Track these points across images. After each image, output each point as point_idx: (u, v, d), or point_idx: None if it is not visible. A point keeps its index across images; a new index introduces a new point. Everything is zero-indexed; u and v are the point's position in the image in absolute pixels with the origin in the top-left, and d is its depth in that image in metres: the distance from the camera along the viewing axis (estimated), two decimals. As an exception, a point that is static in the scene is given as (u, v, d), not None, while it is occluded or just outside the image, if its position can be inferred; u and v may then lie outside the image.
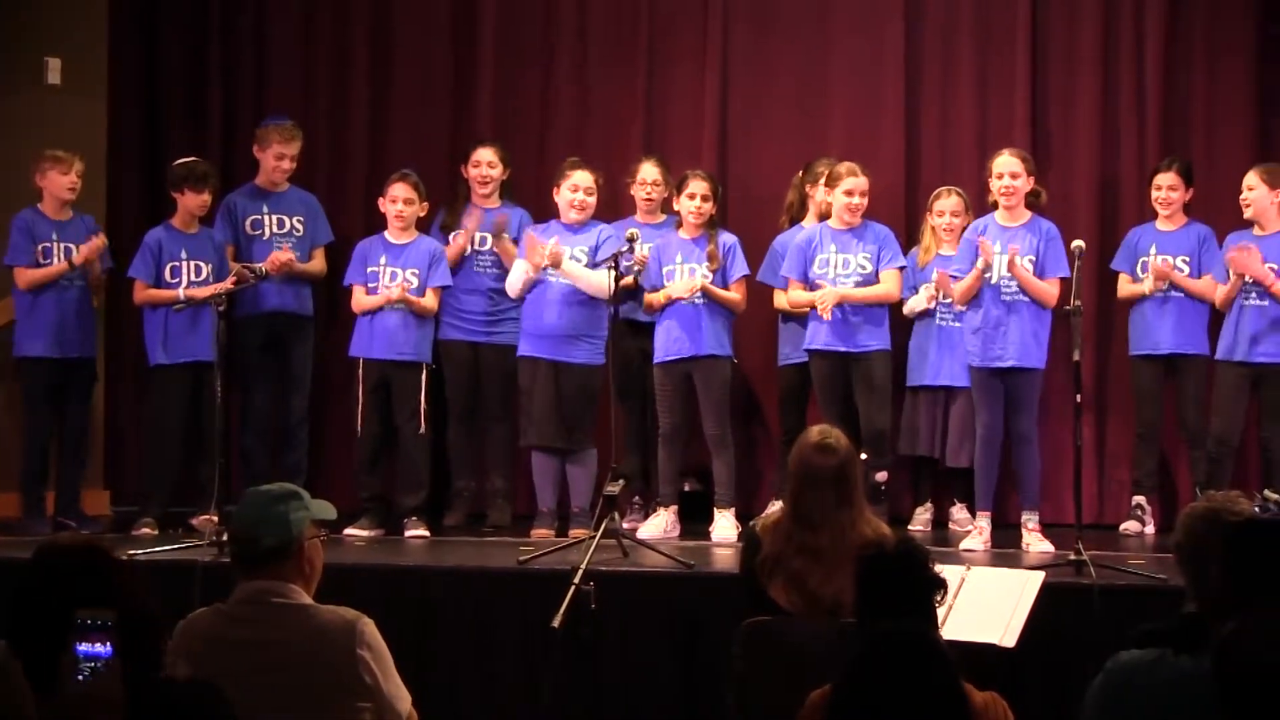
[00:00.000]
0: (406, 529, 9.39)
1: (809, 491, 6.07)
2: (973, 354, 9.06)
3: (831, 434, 6.22)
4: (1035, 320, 8.94)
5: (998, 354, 8.94)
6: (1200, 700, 3.73)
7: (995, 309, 8.98)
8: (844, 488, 6.06)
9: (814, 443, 6.15)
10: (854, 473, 6.14)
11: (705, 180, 9.45)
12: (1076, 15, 10.42)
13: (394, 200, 9.61)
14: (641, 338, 9.64)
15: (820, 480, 6.05)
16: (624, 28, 10.83)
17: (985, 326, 8.98)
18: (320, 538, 4.79)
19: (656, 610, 7.79)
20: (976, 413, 9.13)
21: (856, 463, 6.22)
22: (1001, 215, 9.13)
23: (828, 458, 6.08)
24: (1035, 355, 8.94)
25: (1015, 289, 8.94)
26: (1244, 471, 9.64)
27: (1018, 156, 9.13)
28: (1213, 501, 4.46)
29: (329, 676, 4.54)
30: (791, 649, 5.60)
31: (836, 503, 6.03)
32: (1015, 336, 8.93)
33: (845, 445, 6.16)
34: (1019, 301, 8.94)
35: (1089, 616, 7.26)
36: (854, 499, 6.08)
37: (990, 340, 8.96)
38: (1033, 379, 8.99)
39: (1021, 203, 9.08)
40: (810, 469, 6.09)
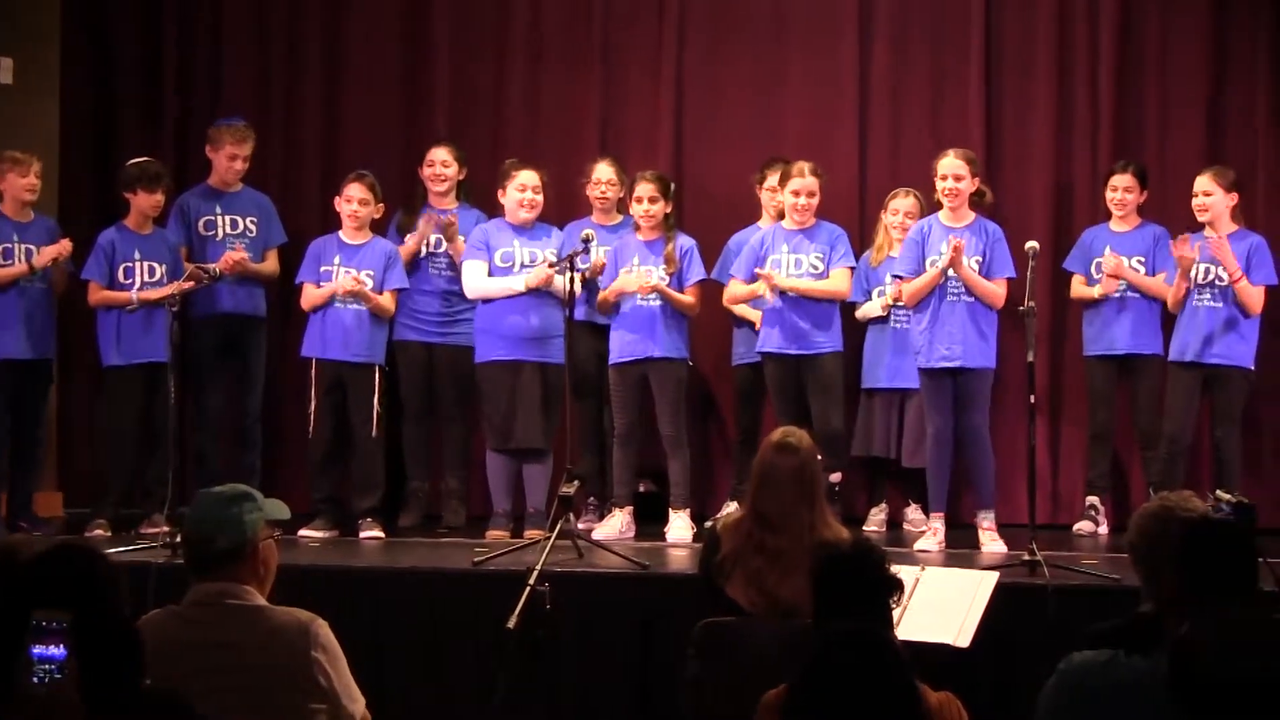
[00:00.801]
0: (361, 530, 9.37)
1: (769, 491, 6.08)
2: (920, 355, 9.08)
3: (794, 434, 6.24)
4: (982, 320, 8.94)
5: (944, 354, 8.95)
6: (1153, 701, 3.74)
7: (942, 309, 8.99)
8: (804, 488, 6.07)
9: (776, 443, 6.18)
10: (815, 473, 6.16)
11: (652, 182, 9.43)
12: (1030, 19, 10.46)
13: (349, 200, 9.58)
14: (598, 339, 9.63)
15: (780, 480, 6.07)
16: (579, 28, 10.82)
17: (932, 326, 9.00)
18: (274, 539, 4.77)
19: (611, 611, 7.78)
20: (927, 414, 9.13)
21: (817, 463, 6.23)
22: (946, 216, 9.13)
23: (788, 458, 6.10)
24: (983, 355, 8.96)
25: (961, 289, 8.97)
26: (1197, 472, 9.68)
27: (962, 157, 9.14)
28: (1166, 501, 4.48)
29: (283, 678, 4.52)
30: (746, 649, 5.60)
31: (796, 503, 6.04)
32: (962, 336, 8.94)
33: (807, 446, 6.18)
34: (965, 302, 8.96)
35: (1043, 617, 7.28)
36: (814, 499, 6.09)
37: (937, 340, 8.97)
38: (981, 378, 9.01)
39: (965, 204, 9.09)
40: (770, 469, 6.11)
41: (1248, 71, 10.27)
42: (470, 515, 9.91)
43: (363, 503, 9.47)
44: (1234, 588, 3.93)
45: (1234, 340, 9.28)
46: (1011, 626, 7.08)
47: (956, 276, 8.93)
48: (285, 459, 10.38)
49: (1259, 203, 10.01)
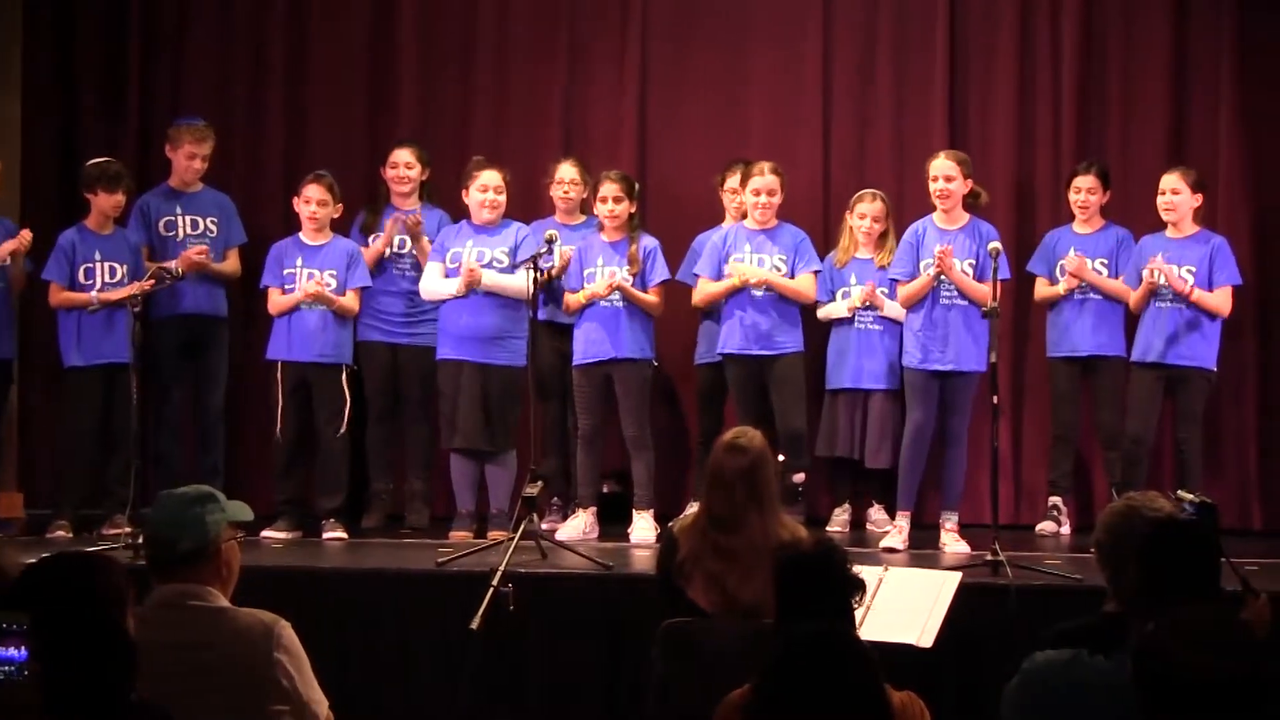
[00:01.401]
0: (324, 531, 9.35)
1: (719, 491, 6.08)
2: (911, 355, 9.09)
3: (745, 435, 6.24)
4: (976, 324, 8.94)
5: (938, 357, 8.98)
6: (1116, 700, 3.75)
7: (935, 313, 9.02)
8: (754, 488, 6.06)
9: (726, 443, 6.19)
10: (765, 474, 6.13)
11: (616, 182, 9.43)
12: (994, 21, 10.48)
13: (308, 201, 9.56)
14: (561, 339, 9.62)
15: (730, 480, 6.06)
16: (543, 29, 10.81)
17: (926, 329, 9.01)
18: (237, 540, 4.76)
19: (575, 611, 7.79)
20: (908, 410, 9.15)
21: (769, 464, 6.20)
22: (939, 218, 9.17)
23: (737, 458, 6.10)
24: (974, 358, 8.97)
25: (955, 293, 8.98)
26: (1159, 472, 9.72)
27: (953, 159, 9.18)
28: (1133, 501, 4.49)
29: (246, 679, 4.51)
30: (710, 650, 5.60)
31: (746, 503, 6.03)
32: (955, 340, 8.96)
33: (758, 446, 6.16)
34: (959, 305, 8.98)
35: (1005, 616, 7.30)
36: (764, 499, 6.08)
37: (930, 343, 8.99)
38: (970, 381, 9.04)
39: (959, 205, 9.12)
40: (721, 469, 6.11)
41: (1210, 73, 10.30)
42: (434, 516, 9.89)
43: (326, 504, 9.45)
44: (1196, 587, 3.94)
45: (1196, 341, 9.32)
46: (974, 626, 7.09)
47: (949, 280, 8.95)
48: (247, 459, 10.34)
49: (1220, 205, 10.04)
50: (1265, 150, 10.24)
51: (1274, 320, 10.18)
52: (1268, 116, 10.24)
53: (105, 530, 9.27)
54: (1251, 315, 10.07)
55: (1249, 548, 8.95)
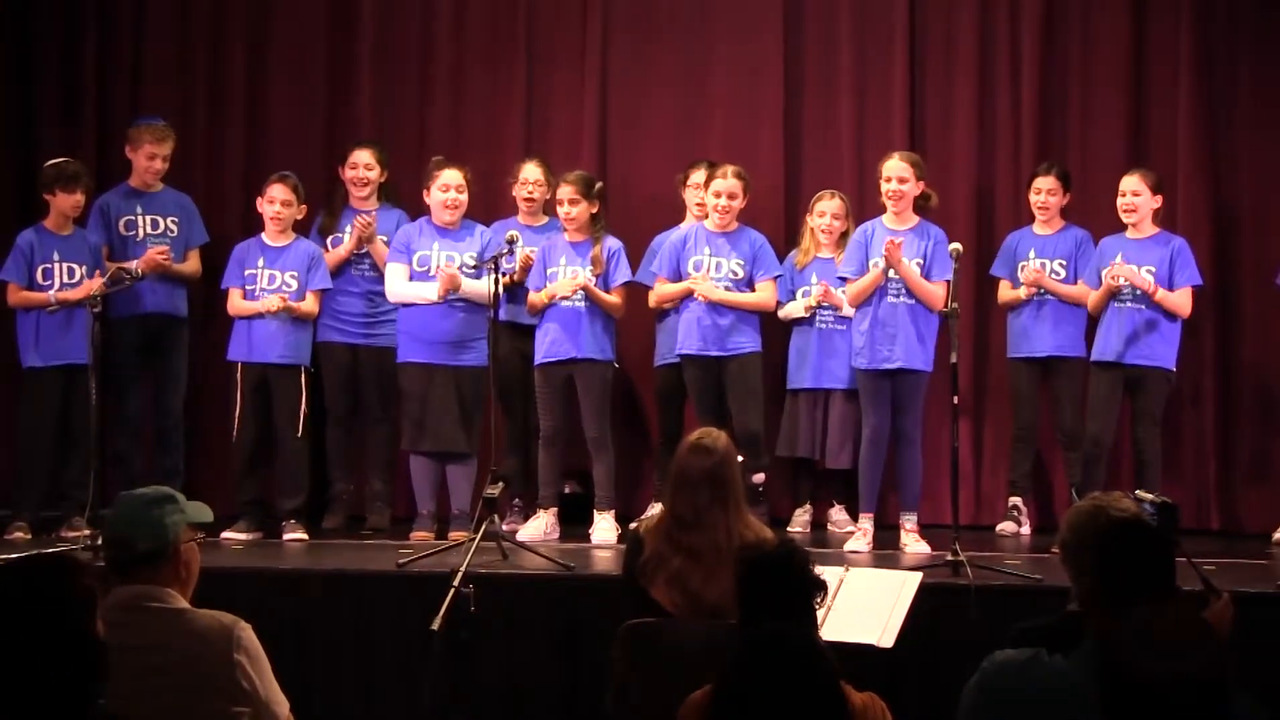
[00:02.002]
0: (285, 532, 9.34)
1: (684, 492, 6.07)
2: (860, 356, 9.10)
3: (710, 435, 6.23)
4: (922, 323, 8.98)
5: (885, 356, 8.99)
6: (1074, 699, 3.75)
7: (883, 311, 9.02)
8: (719, 488, 6.05)
9: (691, 443, 6.18)
10: (730, 474, 6.13)
11: (572, 184, 9.42)
12: (954, 22, 10.52)
13: (272, 201, 9.54)
14: (522, 340, 9.62)
15: (694, 480, 6.06)
16: (503, 28, 10.81)
17: (873, 329, 9.02)
18: (196, 541, 4.75)
19: (536, 612, 7.79)
20: (864, 414, 9.17)
21: (734, 464, 6.20)
22: (889, 218, 9.18)
23: (702, 458, 6.09)
24: (922, 358, 9.00)
25: (902, 291, 8.99)
26: (1118, 473, 9.74)
27: (907, 160, 9.19)
28: (1098, 501, 4.49)
29: (206, 681, 4.50)
30: (672, 650, 5.59)
31: (711, 503, 6.03)
32: (903, 339, 8.97)
33: (723, 446, 6.16)
34: (906, 304, 8.99)
35: (965, 616, 7.32)
36: (730, 500, 6.07)
37: (878, 342, 9.00)
38: (919, 381, 9.05)
39: (910, 206, 9.13)
40: (685, 469, 6.10)
41: (1169, 75, 10.34)
42: (395, 517, 9.88)
43: (286, 504, 9.44)
44: (1151, 588, 3.95)
45: (1156, 341, 9.35)
46: (935, 627, 7.10)
47: (898, 278, 8.96)
48: (207, 460, 10.31)
49: (1179, 207, 10.08)
50: (1223, 153, 10.29)
51: (1232, 321, 10.23)
52: (1225, 120, 10.30)
53: (64, 532, 9.24)
54: (1210, 316, 10.12)
55: (1206, 548, 9.00)
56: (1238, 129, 10.30)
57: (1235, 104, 10.30)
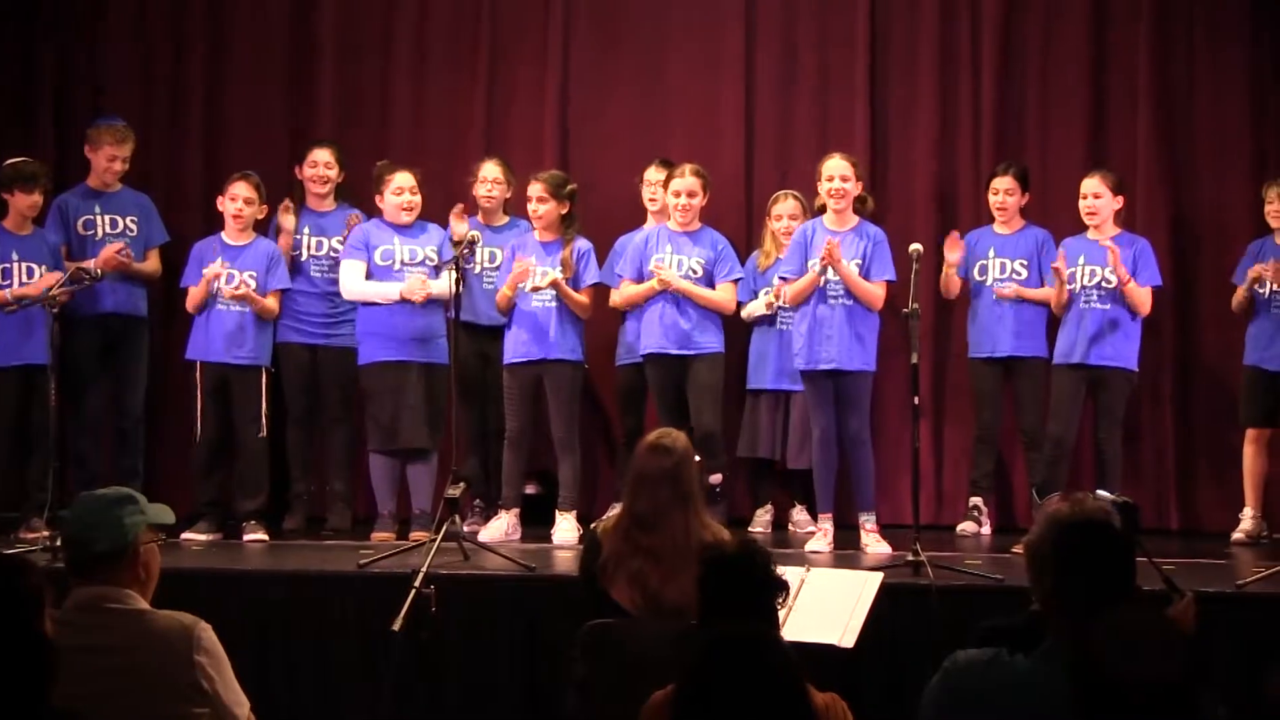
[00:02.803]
0: (245, 533, 9.32)
1: (644, 492, 6.08)
2: (799, 356, 9.11)
3: (669, 435, 6.25)
4: (860, 323, 8.97)
5: (821, 356, 8.99)
6: (1035, 699, 3.76)
7: (821, 311, 9.02)
8: (678, 488, 6.07)
9: (650, 444, 6.19)
10: (689, 474, 6.15)
11: (541, 182, 9.42)
12: (914, 23, 10.55)
13: (234, 199, 9.52)
14: (480, 340, 9.61)
15: (654, 480, 6.07)
16: (464, 26, 10.81)
17: (810, 329, 9.03)
18: (157, 542, 4.72)
19: (497, 613, 7.78)
20: (811, 415, 9.17)
21: (692, 464, 6.22)
22: (830, 219, 9.17)
23: (662, 458, 6.10)
24: (860, 358, 8.98)
25: (841, 292, 8.99)
26: (1079, 473, 9.77)
27: (847, 160, 9.19)
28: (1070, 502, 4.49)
29: (166, 682, 4.48)
30: (632, 651, 5.59)
31: (670, 503, 6.04)
32: (838, 339, 8.97)
33: (682, 446, 6.17)
34: (843, 305, 8.99)
35: (926, 616, 7.32)
36: (688, 500, 6.08)
37: (815, 343, 9.00)
38: (860, 381, 9.04)
39: (850, 206, 9.12)
40: (645, 469, 6.11)
41: (1128, 76, 10.39)
42: (355, 518, 9.86)
43: (247, 505, 9.41)
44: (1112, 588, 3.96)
45: (1119, 341, 9.38)
46: (896, 627, 7.13)
47: (838, 279, 8.96)
48: (168, 461, 10.27)
49: (1139, 208, 10.11)
50: (1182, 155, 10.34)
51: (1192, 322, 10.28)
52: (1184, 121, 10.34)
53: (23, 533, 9.19)
54: (1170, 317, 10.17)
55: (1166, 547, 9.04)
56: (1197, 130, 10.35)
57: (1194, 104, 10.35)
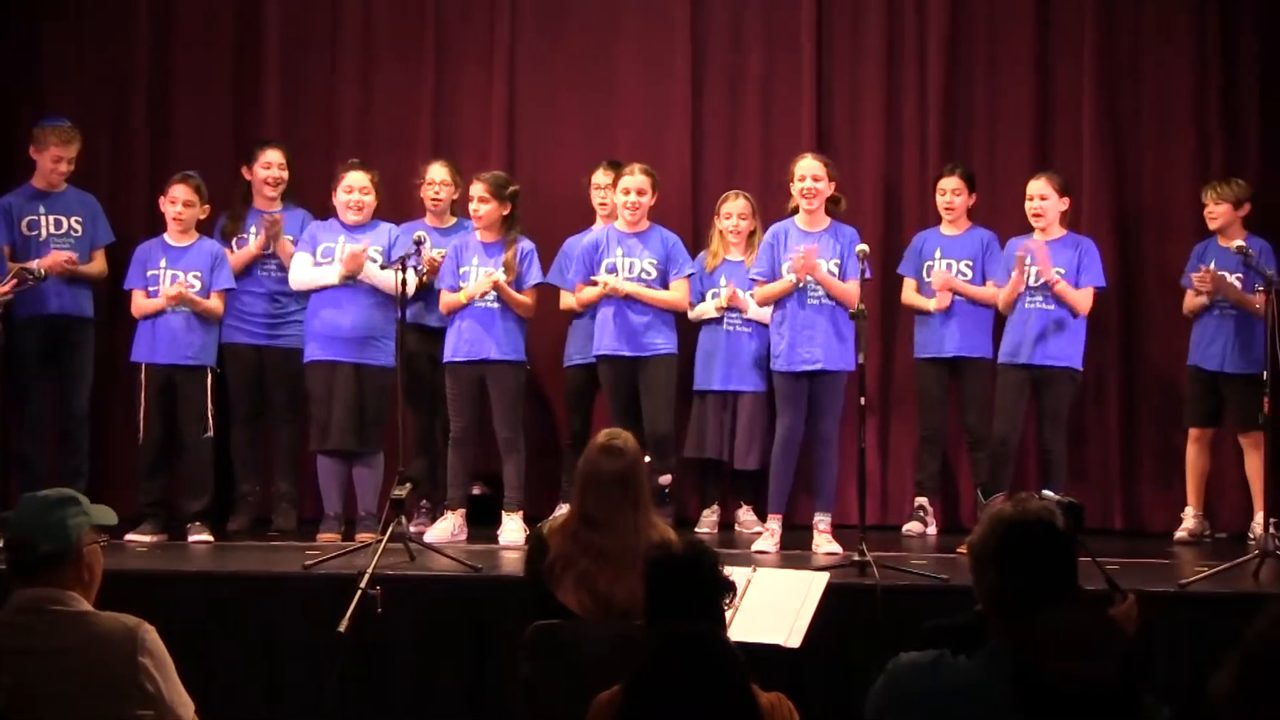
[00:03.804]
0: (190, 534, 9.27)
1: (595, 492, 6.06)
2: (778, 357, 9.10)
3: (619, 436, 6.23)
4: (842, 323, 8.95)
5: (804, 357, 8.98)
6: (978, 700, 3.77)
7: (802, 312, 9.01)
8: (630, 489, 6.06)
9: (601, 445, 6.16)
10: (640, 475, 6.14)
11: (483, 183, 9.40)
12: (861, 23, 10.59)
13: (174, 201, 9.47)
14: (428, 342, 9.60)
15: (606, 482, 6.05)
16: (410, 26, 10.79)
17: (792, 330, 9.03)
18: (100, 544, 4.70)
19: (444, 614, 7.76)
20: (779, 414, 9.16)
21: (643, 465, 6.22)
22: (802, 219, 9.17)
23: (614, 460, 6.09)
24: (841, 358, 8.99)
25: (821, 293, 9.00)
26: (1024, 473, 9.81)
27: (820, 160, 9.19)
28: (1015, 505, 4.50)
29: (110, 684, 4.46)
30: (579, 652, 5.59)
31: (622, 504, 6.03)
32: (822, 340, 8.97)
33: (633, 447, 6.17)
34: (825, 305, 9.00)
35: (872, 617, 7.33)
36: (640, 501, 6.08)
37: (797, 345, 8.99)
38: (837, 381, 9.04)
39: (823, 206, 9.13)
40: (596, 470, 6.09)
41: (1073, 79, 10.44)
42: (301, 518, 9.83)
43: (191, 506, 9.37)
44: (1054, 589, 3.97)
45: (1063, 342, 9.42)
46: (841, 627, 7.14)
47: (815, 280, 8.97)
48: (112, 462, 10.21)
49: (1084, 210, 10.16)
50: (1126, 157, 10.41)
51: (1136, 322, 10.34)
52: (1129, 124, 10.40)
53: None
54: (1114, 317, 10.22)
55: (1111, 547, 9.06)
56: (1142, 131, 10.41)
57: (1139, 107, 10.41)
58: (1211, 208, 9.66)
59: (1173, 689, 4.56)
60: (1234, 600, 7.43)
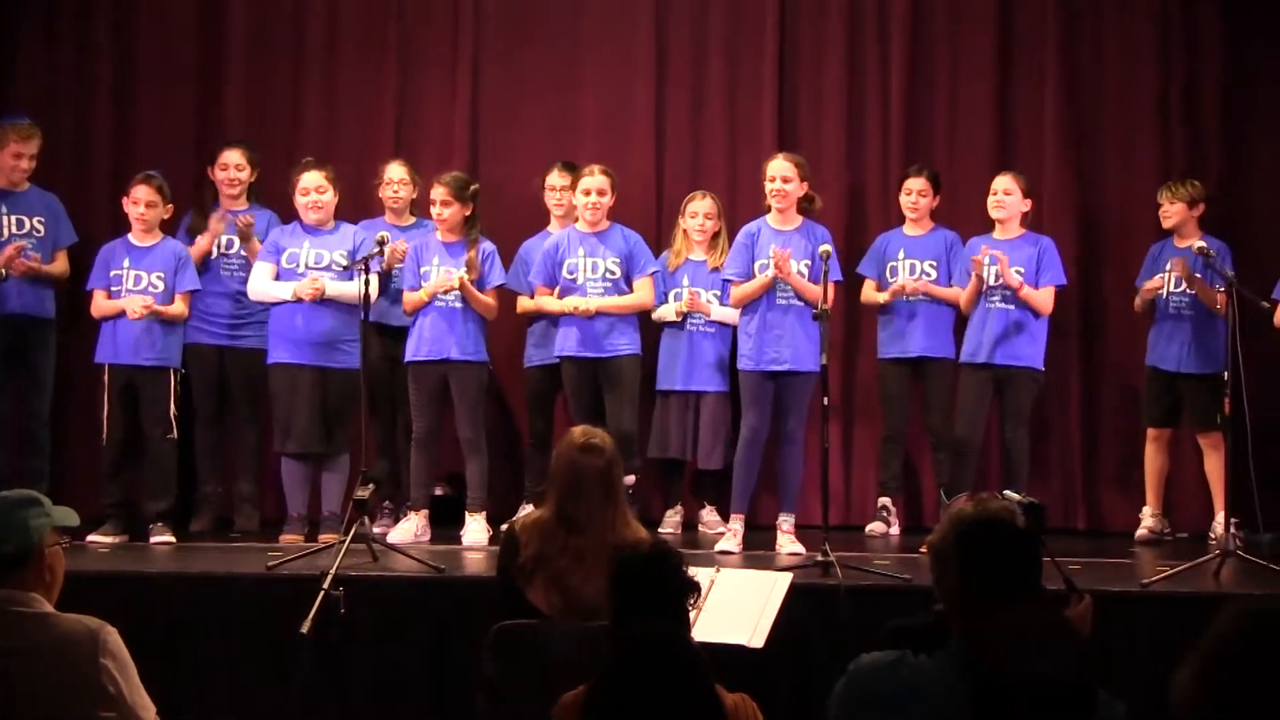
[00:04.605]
0: (152, 535, 9.24)
1: (577, 491, 6.04)
2: (746, 357, 9.10)
3: (596, 434, 6.22)
4: (810, 324, 8.95)
5: (773, 357, 8.99)
6: (940, 700, 3.78)
7: (771, 312, 9.03)
8: (608, 488, 6.07)
9: (580, 444, 6.13)
10: (618, 473, 6.16)
11: (444, 185, 9.38)
12: (824, 24, 10.61)
13: (136, 202, 9.43)
14: (390, 342, 9.58)
15: (589, 480, 6.04)
16: (374, 28, 10.77)
17: (760, 330, 9.03)
18: (62, 545, 4.68)
19: (407, 614, 7.75)
20: (744, 414, 9.15)
21: (619, 463, 6.24)
22: (774, 219, 9.18)
23: (595, 458, 6.08)
24: (809, 359, 8.98)
25: (791, 294, 9.01)
26: (986, 473, 9.84)
27: (791, 160, 9.20)
28: (976, 504, 4.51)
29: (71, 686, 4.44)
30: (543, 652, 5.59)
31: (603, 503, 6.04)
32: (790, 340, 8.98)
33: (610, 445, 6.17)
34: (794, 305, 9.01)
35: (835, 617, 7.35)
36: (618, 499, 6.09)
37: (766, 345, 9.00)
38: (806, 381, 9.04)
39: (794, 206, 9.13)
40: (577, 469, 6.07)
41: (1035, 80, 10.48)
42: (264, 519, 9.81)
43: (154, 507, 9.34)
44: (1013, 588, 3.98)
45: (1024, 342, 9.46)
46: (805, 627, 7.15)
47: (785, 280, 8.98)
48: (74, 462, 10.18)
49: (1045, 212, 10.19)
50: (1087, 159, 10.45)
51: (1097, 323, 10.37)
52: (1090, 124, 10.44)
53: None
54: (1075, 318, 10.26)
55: (1073, 547, 9.11)
56: (1103, 133, 10.45)
57: (1100, 109, 10.46)
58: (1166, 207, 9.71)
59: (1133, 688, 4.57)
60: (1195, 600, 7.46)
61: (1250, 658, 3.56)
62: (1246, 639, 3.59)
